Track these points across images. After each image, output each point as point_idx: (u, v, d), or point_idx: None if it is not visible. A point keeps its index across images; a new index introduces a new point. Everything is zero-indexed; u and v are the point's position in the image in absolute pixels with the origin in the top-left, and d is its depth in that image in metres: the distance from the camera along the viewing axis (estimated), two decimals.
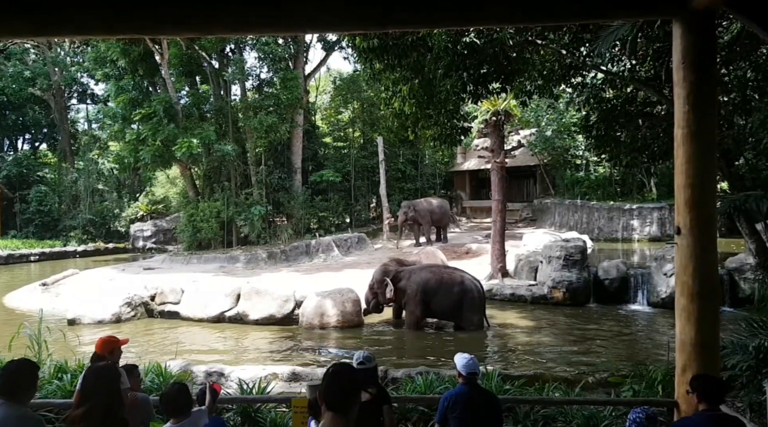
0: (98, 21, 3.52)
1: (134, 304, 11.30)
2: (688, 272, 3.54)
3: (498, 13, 3.57)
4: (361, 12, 3.50)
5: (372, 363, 3.19)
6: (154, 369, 5.24)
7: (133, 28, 3.72)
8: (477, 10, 3.50)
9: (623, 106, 6.23)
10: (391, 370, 5.94)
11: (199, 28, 4.12)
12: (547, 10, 3.53)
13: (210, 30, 4.67)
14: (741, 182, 5.23)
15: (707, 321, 3.53)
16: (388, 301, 10.17)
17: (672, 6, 3.52)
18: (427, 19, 3.71)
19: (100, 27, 3.66)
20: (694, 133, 3.49)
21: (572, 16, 3.84)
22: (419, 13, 3.53)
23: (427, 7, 3.49)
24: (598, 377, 5.62)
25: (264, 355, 8.70)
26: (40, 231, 28.85)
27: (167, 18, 3.44)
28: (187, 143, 18.31)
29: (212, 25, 3.68)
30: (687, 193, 3.53)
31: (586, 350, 8.57)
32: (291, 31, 4.61)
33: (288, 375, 6.00)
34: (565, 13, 3.57)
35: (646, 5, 3.61)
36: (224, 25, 3.61)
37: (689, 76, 3.49)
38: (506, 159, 13.62)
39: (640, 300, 11.78)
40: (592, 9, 3.58)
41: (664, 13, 3.78)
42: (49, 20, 3.50)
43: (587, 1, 3.51)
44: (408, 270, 10.31)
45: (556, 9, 3.50)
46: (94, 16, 3.45)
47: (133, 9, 3.35)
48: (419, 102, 7.34)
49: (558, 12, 3.53)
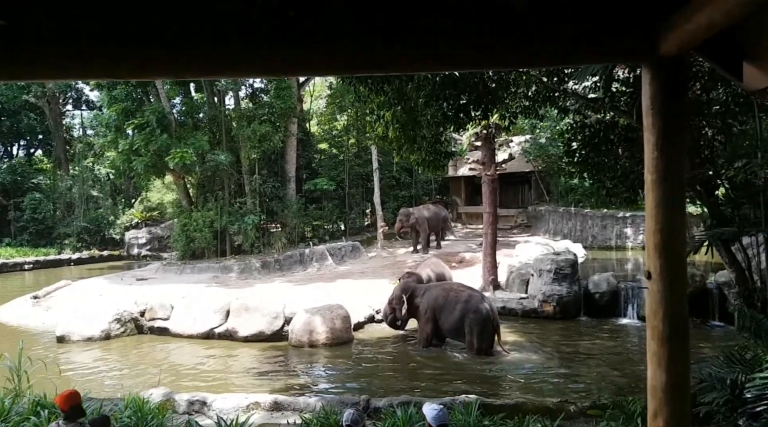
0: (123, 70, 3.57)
1: (124, 320, 11.28)
2: (659, 316, 3.54)
3: (470, 59, 3.59)
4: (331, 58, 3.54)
5: (360, 424, 3.18)
6: (133, 404, 5.22)
7: (165, 71, 3.78)
8: (451, 57, 3.53)
9: (605, 131, 6.25)
10: (373, 400, 5.93)
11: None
12: (517, 57, 3.55)
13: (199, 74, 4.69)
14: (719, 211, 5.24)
15: (678, 365, 3.53)
16: (404, 317, 10.22)
17: (640, 52, 3.52)
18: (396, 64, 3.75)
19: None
20: (663, 179, 3.50)
21: (542, 62, 3.85)
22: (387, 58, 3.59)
23: (404, 53, 3.54)
24: (579, 406, 5.62)
25: (251, 375, 8.69)
26: (34, 239, 28.79)
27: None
28: (181, 153, 18.29)
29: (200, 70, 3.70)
30: (657, 238, 3.53)
31: (575, 368, 8.57)
32: (257, 75, 4.71)
33: (270, 404, 5.99)
34: (536, 59, 3.59)
35: (614, 51, 3.61)
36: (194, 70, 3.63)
37: (657, 122, 3.50)
38: (497, 171, 13.62)
39: (630, 314, 11.79)
40: (561, 55, 3.60)
41: (632, 59, 3.80)
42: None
43: (556, 47, 3.52)
44: (424, 287, 10.35)
45: (525, 56, 3.52)
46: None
47: (163, 55, 3.45)
48: (403, 127, 7.35)
49: (528, 58, 3.55)
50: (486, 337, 9.27)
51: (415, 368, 8.95)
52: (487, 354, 9.24)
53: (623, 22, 3.50)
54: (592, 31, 3.52)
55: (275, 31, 3.52)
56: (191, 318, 11.16)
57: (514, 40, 3.46)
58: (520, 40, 3.48)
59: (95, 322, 10.98)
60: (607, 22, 3.50)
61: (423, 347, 9.85)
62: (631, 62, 4.48)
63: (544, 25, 3.44)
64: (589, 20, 3.50)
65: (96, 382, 8.19)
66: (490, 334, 9.30)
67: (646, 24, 3.45)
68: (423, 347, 9.85)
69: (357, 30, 3.53)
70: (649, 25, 3.44)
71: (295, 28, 3.52)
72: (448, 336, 9.91)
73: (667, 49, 3.40)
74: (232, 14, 3.50)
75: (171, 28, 3.55)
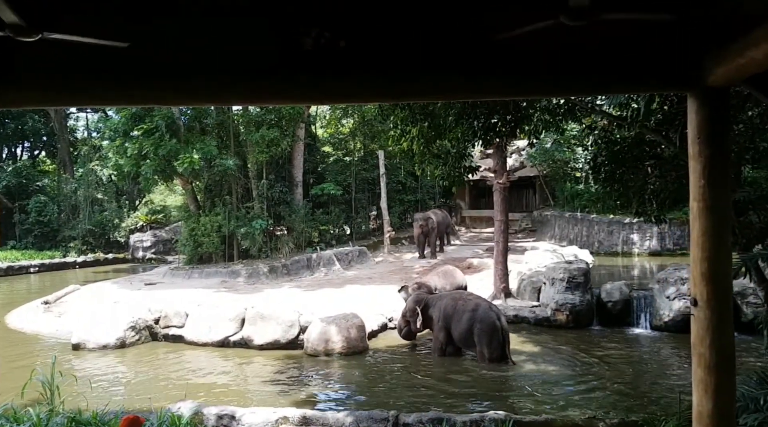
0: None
1: (138, 328, 11.30)
2: (705, 343, 3.57)
3: (509, 85, 3.62)
4: (376, 87, 3.58)
5: None
6: (167, 420, 5.25)
7: (209, 98, 3.81)
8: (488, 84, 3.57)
9: (630, 148, 6.29)
10: (402, 415, 5.95)
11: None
12: (560, 85, 3.58)
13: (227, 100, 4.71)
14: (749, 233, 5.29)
15: (724, 394, 3.56)
16: (419, 329, 10.33)
17: (687, 82, 3.55)
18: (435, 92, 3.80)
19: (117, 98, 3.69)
20: (710, 208, 3.53)
21: (583, 90, 3.89)
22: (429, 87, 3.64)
23: (436, 82, 3.58)
24: (608, 422, 5.65)
25: (271, 385, 8.71)
26: (39, 242, 28.82)
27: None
28: (189, 158, 18.32)
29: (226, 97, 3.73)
30: (704, 266, 3.56)
31: (593, 381, 8.59)
32: (305, 102, 4.74)
33: (299, 419, 6.01)
34: (577, 87, 3.63)
35: (659, 81, 3.64)
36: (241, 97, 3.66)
37: (704, 150, 3.53)
38: (509, 179, 13.67)
39: (643, 323, 11.83)
40: (604, 83, 3.63)
41: (679, 88, 3.83)
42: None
43: (600, 76, 3.56)
44: (437, 297, 10.48)
45: (568, 84, 3.56)
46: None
47: (209, 83, 3.50)
48: (427, 142, 7.40)
49: (570, 86, 3.59)
50: (495, 346, 9.27)
51: (432, 380, 8.96)
52: (498, 363, 9.22)
53: (670, 53, 3.53)
54: (638, 61, 3.56)
55: (322, 60, 3.55)
56: (206, 326, 11.19)
57: (561, 69, 3.50)
58: (566, 68, 3.52)
59: (110, 330, 10.99)
60: (654, 52, 3.54)
61: (437, 355, 9.93)
62: (678, 91, 4.51)
63: (591, 54, 3.48)
64: (634, 50, 3.54)
65: (122, 393, 8.22)
66: (499, 343, 9.29)
67: (694, 55, 3.48)
68: (437, 355, 9.93)
69: (400, 61, 3.58)
70: (697, 56, 3.47)
71: (342, 57, 3.55)
72: (459, 345, 9.96)
73: (715, 80, 3.44)
74: (282, 44, 3.53)
75: (217, 56, 3.58)
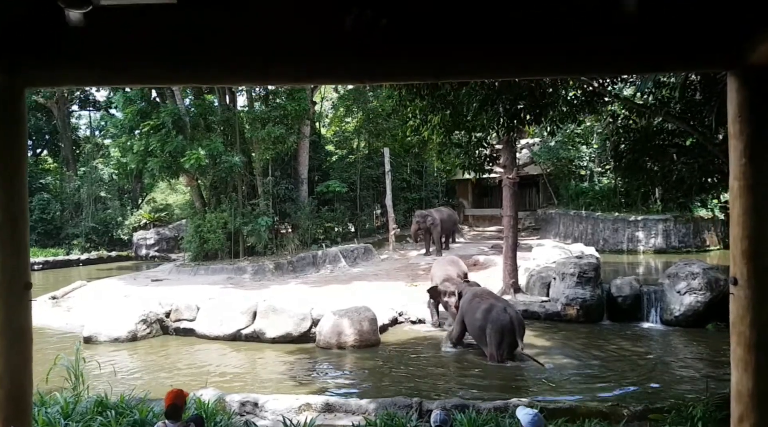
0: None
1: (150, 321, 11.28)
2: (746, 322, 3.58)
3: (557, 63, 3.63)
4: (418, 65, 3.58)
5: (448, 425, 3.22)
6: (195, 406, 5.24)
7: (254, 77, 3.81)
8: (537, 62, 3.57)
9: (652, 136, 6.29)
10: (425, 402, 5.95)
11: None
12: (606, 63, 3.60)
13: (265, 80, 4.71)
14: None
15: (765, 372, 3.56)
16: (455, 310, 10.53)
17: (727, 61, 3.57)
18: (480, 70, 3.79)
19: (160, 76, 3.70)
20: (751, 186, 3.54)
21: (630, 68, 3.90)
22: (473, 65, 3.62)
23: (482, 61, 3.58)
24: (633, 409, 5.65)
25: (286, 377, 8.70)
26: (42, 239, 28.73)
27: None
28: (196, 155, 18.32)
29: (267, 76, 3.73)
30: (744, 244, 3.57)
31: (608, 373, 8.60)
32: (346, 82, 4.75)
33: (322, 406, 6.01)
34: (625, 66, 3.65)
35: (700, 59, 3.66)
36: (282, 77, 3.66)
37: (746, 129, 3.54)
38: (518, 174, 13.68)
39: (653, 318, 11.82)
40: (649, 62, 3.64)
41: (719, 67, 3.85)
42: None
43: (645, 54, 3.57)
44: (467, 288, 10.65)
45: (616, 61, 3.57)
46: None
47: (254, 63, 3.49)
48: (448, 131, 7.39)
49: (618, 64, 3.60)
50: (504, 348, 9.15)
51: (447, 371, 8.99)
52: (501, 361, 9.12)
53: (712, 32, 3.54)
54: (680, 40, 3.58)
55: (365, 39, 3.55)
56: (218, 319, 11.16)
57: (604, 47, 3.51)
58: (608, 49, 3.53)
59: (121, 323, 10.98)
60: (696, 31, 3.55)
61: (451, 343, 10.09)
62: (717, 70, 4.53)
63: (633, 32, 3.49)
64: (677, 29, 3.55)
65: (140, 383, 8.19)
66: (509, 345, 9.14)
67: (735, 34, 3.50)
68: (451, 343, 10.09)
69: (442, 38, 3.58)
70: (738, 34, 3.49)
71: (384, 36, 3.55)
72: (474, 340, 9.99)
73: (757, 59, 3.45)
74: (325, 24, 3.53)
75: (261, 35, 3.58)
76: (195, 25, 3.57)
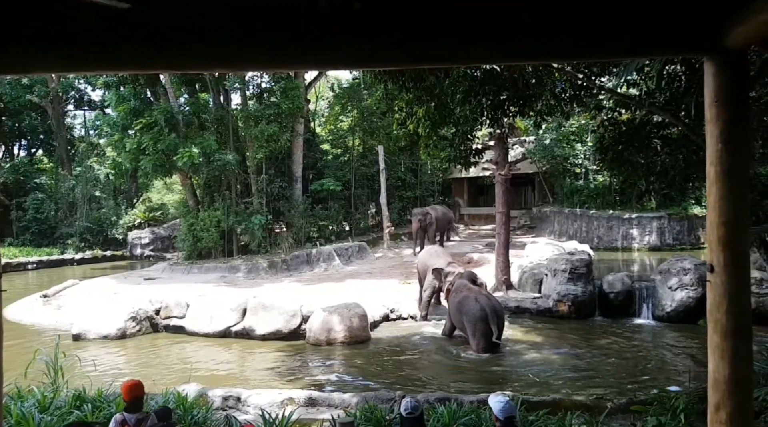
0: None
1: (139, 318, 11.22)
2: (722, 309, 3.53)
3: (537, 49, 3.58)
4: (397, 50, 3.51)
5: (419, 411, 3.18)
6: (174, 399, 5.19)
7: (228, 64, 3.75)
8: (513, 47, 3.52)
9: (638, 128, 6.26)
10: (408, 395, 5.89)
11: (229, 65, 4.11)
12: (581, 48, 3.55)
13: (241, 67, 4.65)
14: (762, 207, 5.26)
15: (741, 359, 3.51)
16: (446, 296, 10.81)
17: (704, 44, 3.51)
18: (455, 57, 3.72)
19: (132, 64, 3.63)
20: (727, 172, 3.49)
21: (604, 54, 3.86)
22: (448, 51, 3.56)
23: (472, 46, 3.51)
24: (617, 402, 5.61)
25: (274, 373, 8.65)
26: (37, 239, 28.66)
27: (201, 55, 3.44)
28: (188, 153, 18.25)
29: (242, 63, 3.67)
30: (720, 231, 3.53)
31: (596, 367, 8.56)
32: (320, 67, 4.65)
33: (305, 400, 5.96)
34: (599, 51, 3.59)
35: (678, 44, 3.60)
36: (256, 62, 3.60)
37: (722, 114, 3.49)
38: (510, 171, 13.63)
39: (645, 314, 11.80)
40: (623, 47, 3.60)
41: (696, 51, 3.79)
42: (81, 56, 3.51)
43: (619, 40, 3.52)
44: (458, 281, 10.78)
45: (590, 46, 3.52)
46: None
47: (229, 50, 3.40)
48: (434, 124, 7.34)
49: (592, 50, 3.55)
50: (479, 337, 9.19)
51: (436, 367, 8.94)
52: (488, 352, 9.15)
53: (687, 15, 3.50)
54: (655, 24, 3.53)
55: (338, 24, 3.49)
56: (207, 317, 11.11)
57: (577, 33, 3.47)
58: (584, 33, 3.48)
59: (111, 320, 10.92)
60: (670, 15, 3.51)
61: (443, 334, 10.41)
62: (695, 55, 4.49)
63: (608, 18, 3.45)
64: (651, 14, 3.51)
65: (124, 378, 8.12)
66: (483, 334, 9.16)
67: (712, 16, 3.45)
68: (443, 334, 10.41)
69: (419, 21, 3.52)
70: (715, 17, 3.44)
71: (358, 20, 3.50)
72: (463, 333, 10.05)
73: (734, 42, 3.41)
74: (299, 8, 3.48)
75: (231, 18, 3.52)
76: (164, 12, 3.51)
